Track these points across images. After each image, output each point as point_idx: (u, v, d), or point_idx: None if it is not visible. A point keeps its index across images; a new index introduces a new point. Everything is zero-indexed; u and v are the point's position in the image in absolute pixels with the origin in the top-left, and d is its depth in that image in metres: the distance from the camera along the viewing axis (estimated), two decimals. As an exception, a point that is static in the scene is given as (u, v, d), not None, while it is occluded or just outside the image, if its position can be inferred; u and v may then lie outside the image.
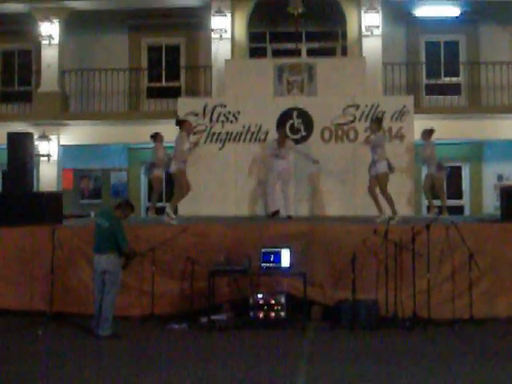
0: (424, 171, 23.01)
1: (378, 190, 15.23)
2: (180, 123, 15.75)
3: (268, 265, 12.21)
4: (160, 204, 19.43)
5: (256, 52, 23.90)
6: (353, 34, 22.25)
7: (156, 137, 17.89)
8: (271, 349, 10.64)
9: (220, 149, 18.61)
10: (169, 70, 24.76)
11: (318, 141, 18.46)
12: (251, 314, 12.20)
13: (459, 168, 24.07)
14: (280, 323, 12.07)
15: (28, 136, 15.83)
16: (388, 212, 15.06)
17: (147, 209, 21.13)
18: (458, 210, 23.26)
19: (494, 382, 8.85)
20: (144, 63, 24.90)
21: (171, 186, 15.86)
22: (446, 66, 23.75)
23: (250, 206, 18.38)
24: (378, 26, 21.62)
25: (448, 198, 23.09)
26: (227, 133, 18.69)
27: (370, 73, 20.12)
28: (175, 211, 16.12)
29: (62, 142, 22.85)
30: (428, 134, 17.45)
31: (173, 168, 15.32)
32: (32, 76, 24.86)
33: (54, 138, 22.57)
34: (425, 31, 23.79)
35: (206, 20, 22.73)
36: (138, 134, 22.18)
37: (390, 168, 15.14)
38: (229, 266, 12.24)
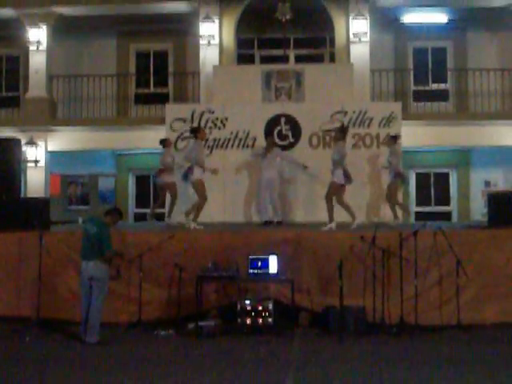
0: (412, 177, 23.25)
1: (343, 198, 15.36)
2: (195, 131, 15.88)
3: (256, 271, 12.22)
4: (160, 210, 19.15)
5: (244, 58, 23.91)
6: (341, 41, 22.30)
7: (165, 142, 17.59)
8: (259, 355, 10.63)
9: (208, 155, 18.58)
10: (157, 75, 24.75)
11: (306, 147, 18.50)
12: (239, 320, 12.19)
13: (447, 174, 24.13)
14: (268, 329, 12.06)
15: (15, 142, 15.79)
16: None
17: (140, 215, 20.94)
18: (446, 216, 23.32)
19: (481, 389, 8.89)
20: (132, 69, 24.89)
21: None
22: (433, 73, 23.82)
23: (238, 213, 18.39)
24: (365, 33, 21.67)
25: (436, 204, 23.30)
26: (215, 139, 18.70)
27: (357, 79, 20.17)
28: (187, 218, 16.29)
29: (49, 148, 22.79)
30: (394, 140, 16.95)
31: (194, 177, 15.69)
32: (20, 81, 24.79)
33: (41, 143, 22.51)
34: (412, 38, 23.86)
35: (194, 26, 22.73)
36: (126, 139, 22.21)
37: (348, 179, 15.24)
38: (216, 272, 12.25)
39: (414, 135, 20.42)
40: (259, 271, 12.20)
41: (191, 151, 15.93)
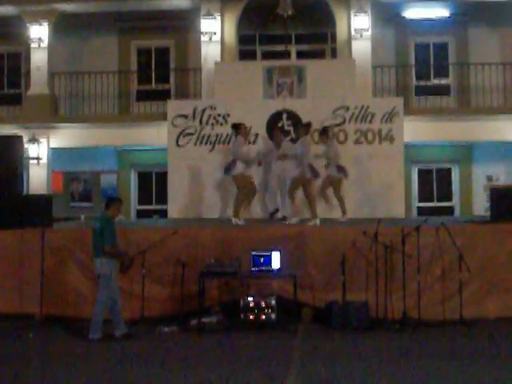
0: (414, 172, 23.24)
1: (312, 191, 15.69)
2: (236, 127, 15.86)
3: (258, 267, 12.21)
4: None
5: (246, 54, 23.87)
6: (342, 36, 22.27)
7: (238, 129, 16.10)
8: (262, 351, 10.64)
9: (210, 151, 18.59)
10: (158, 72, 24.72)
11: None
12: (242, 316, 12.21)
13: (449, 169, 24.11)
14: (270, 325, 12.09)
15: (17, 139, 15.78)
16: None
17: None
18: (448, 211, 23.31)
19: (483, 383, 8.87)
20: (134, 65, 24.85)
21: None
22: (435, 68, 23.78)
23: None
24: (367, 28, 21.62)
25: (438, 199, 23.27)
26: (217, 135, 18.68)
27: (359, 75, 20.12)
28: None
29: (51, 145, 22.79)
30: (325, 134, 16.34)
31: (236, 171, 15.71)
32: (21, 79, 24.79)
33: (43, 140, 22.51)
34: (414, 33, 23.79)
35: (196, 22, 22.71)
36: (128, 136, 22.21)
37: (314, 173, 15.49)
38: (219, 268, 12.24)
39: (416, 130, 20.41)
40: (262, 267, 12.20)
41: (234, 147, 15.91)
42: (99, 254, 11.36)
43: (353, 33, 21.78)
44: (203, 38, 22.18)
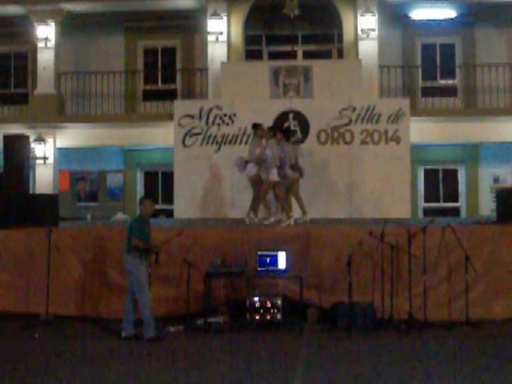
0: (420, 173, 23.23)
1: (283, 194, 15.54)
2: (254, 127, 15.89)
3: (264, 267, 12.21)
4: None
5: (252, 54, 23.90)
6: (349, 37, 22.28)
7: (256, 129, 16.04)
8: (268, 351, 10.63)
9: (216, 151, 18.62)
10: (165, 72, 24.76)
11: (315, 143, 18.47)
12: (247, 316, 12.21)
13: (455, 170, 24.09)
14: (276, 326, 12.08)
15: (24, 138, 15.84)
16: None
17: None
18: (454, 212, 23.30)
19: (490, 385, 8.88)
20: (140, 65, 24.89)
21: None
22: (441, 69, 23.77)
23: (247, 209, 18.36)
24: (374, 29, 21.63)
25: (444, 200, 23.26)
26: (223, 135, 18.73)
27: (366, 75, 20.15)
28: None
29: (58, 145, 22.83)
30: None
31: (250, 172, 15.75)
32: (28, 78, 24.87)
33: (50, 140, 22.57)
34: (421, 34, 23.80)
35: (202, 22, 22.74)
36: (134, 136, 22.26)
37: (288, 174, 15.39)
38: (225, 268, 12.27)
39: (423, 131, 20.42)
40: (268, 267, 12.20)
41: (250, 147, 16.08)
42: (127, 251, 11.48)
43: (359, 33, 21.80)
44: (210, 38, 22.21)
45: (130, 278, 11.49)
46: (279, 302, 12.21)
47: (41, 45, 22.99)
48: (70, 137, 22.91)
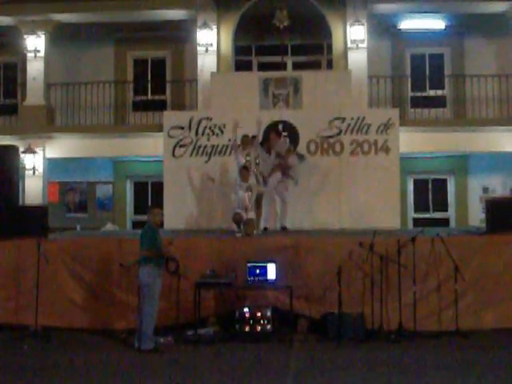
0: (409, 183, 23.28)
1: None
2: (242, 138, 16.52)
3: (254, 278, 12.20)
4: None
5: (242, 65, 23.87)
6: (338, 48, 22.27)
7: (242, 141, 16.84)
8: (258, 362, 10.63)
9: (206, 162, 18.60)
10: (154, 83, 24.71)
11: (304, 153, 18.46)
12: (237, 327, 12.21)
13: (444, 180, 24.13)
14: (266, 336, 12.08)
15: (13, 149, 15.75)
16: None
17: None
18: (444, 222, 23.32)
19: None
20: (130, 76, 24.84)
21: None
22: (431, 79, 23.80)
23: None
24: (363, 39, 21.63)
25: (433, 210, 23.29)
26: (213, 146, 18.70)
27: (355, 86, 20.14)
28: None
29: (47, 155, 22.74)
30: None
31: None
32: (17, 89, 24.80)
33: (39, 151, 22.46)
34: (410, 44, 23.84)
35: (192, 33, 22.71)
36: (124, 146, 22.20)
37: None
38: (215, 279, 12.26)
39: (412, 141, 20.41)
40: (258, 278, 12.18)
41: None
42: (140, 263, 11.44)
43: (349, 44, 21.77)
44: (199, 49, 22.16)
45: (140, 290, 11.42)
46: (269, 312, 12.22)
47: (30, 55, 22.89)
48: (59, 148, 22.82)
